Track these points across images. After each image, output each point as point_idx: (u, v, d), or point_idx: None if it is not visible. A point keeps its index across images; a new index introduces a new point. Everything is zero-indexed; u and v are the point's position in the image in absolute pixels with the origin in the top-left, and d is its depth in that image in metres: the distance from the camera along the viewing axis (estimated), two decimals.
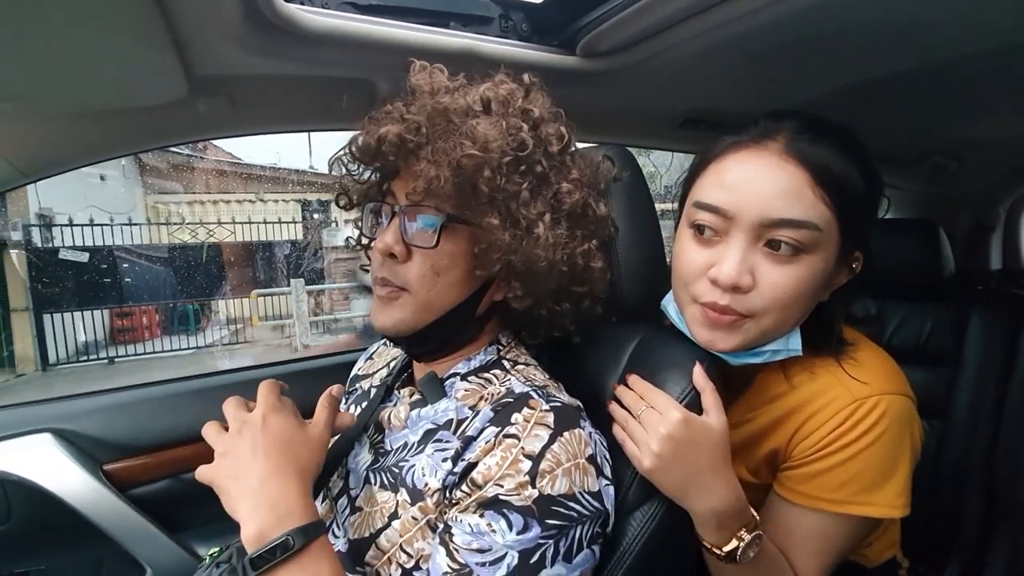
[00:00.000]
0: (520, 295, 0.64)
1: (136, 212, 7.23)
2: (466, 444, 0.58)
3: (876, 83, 0.94)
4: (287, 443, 0.59)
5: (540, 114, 0.64)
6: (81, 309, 5.92)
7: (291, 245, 7.47)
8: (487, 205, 0.60)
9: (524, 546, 0.52)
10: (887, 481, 0.65)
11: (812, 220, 0.60)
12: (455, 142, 0.58)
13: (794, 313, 0.64)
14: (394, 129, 0.60)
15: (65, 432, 1.01)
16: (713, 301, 0.64)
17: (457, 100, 0.61)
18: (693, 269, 0.66)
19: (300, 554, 0.52)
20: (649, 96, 1.02)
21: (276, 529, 0.52)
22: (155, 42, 0.61)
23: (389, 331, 0.66)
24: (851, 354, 0.69)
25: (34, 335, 5.58)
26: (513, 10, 0.82)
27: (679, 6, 0.70)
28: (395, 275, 0.63)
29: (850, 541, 0.68)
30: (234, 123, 0.94)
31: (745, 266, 0.62)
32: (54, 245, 5.64)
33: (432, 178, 0.58)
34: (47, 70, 0.64)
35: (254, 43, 0.67)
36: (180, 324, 6.77)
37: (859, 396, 0.65)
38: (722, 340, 0.65)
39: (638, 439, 0.61)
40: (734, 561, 0.62)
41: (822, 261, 0.63)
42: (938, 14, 0.71)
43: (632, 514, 0.61)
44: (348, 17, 0.70)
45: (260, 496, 0.54)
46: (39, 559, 1.02)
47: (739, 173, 0.63)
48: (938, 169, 1.48)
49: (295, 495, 0.55)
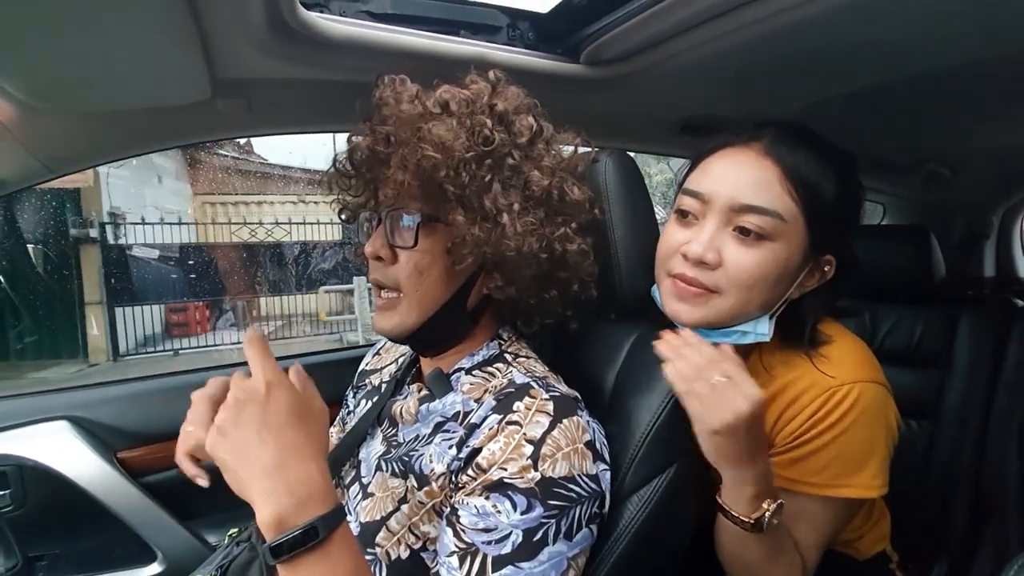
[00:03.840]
0: (501, 285, 0.66)
1: (186, 211, 7.53)
2: (470, 431, 0.61)
3: (870, 93, 0.97)
4: (300, 418, 0.54)
5: (506, 108, 0.65)
6: (142, 303, 6.25)
7: (341, 246, 7.82)
8: (454, 202, 0.62)
9: (528, 525, 0.55)
10: (864, 464, 0.69)
11: (777, 210, 0.67)
12: (415, 146, 0.61)
13: (757, 295, 0.69)
14: (364, 143, 0.64)
15: (81, 420, 1.04)
16: (682, 272, 0.71)
17: (417, 107, 0.63)
18: (671, 246, 0.73)
19: (326, 543, 0.50)
20: (649, 103, 1.05)
21: (298, 515, 0.49)
22: (183, 45, 0.64)
23: (389, 334, 0.69)
24: (823, 349, 0.73)
25: (107, 327, 5.85)
26: (520, 19, 0.86)
27: (680, 18, 0.73)
28: (386, 277, 0.67)
29: (836, 521, 0.72)
30: (249, 124, 0.98)
31: (713, 244, 0.69)
32: (126, 242, 6.02)
33: (400, 182, 0.61)
34: (79, 70, 0.68)
35: (276, 48, 0.70)
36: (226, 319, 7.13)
37: (832, 384, 0.69)
38: (688, 312, 0.71)
39: (709, 401, 0.61)
40: (760, 530, 0.65)
41: (785, 251, 0.68)
42: (930, 26, 0.73)
43: (629, 498, 0.64)
44: (364, 25, 0.74)
45: (276, 478, 0.50)
46: (53, 543, 1.05)
47: (720, 165, 0.72)
48: (932, 177, 1.51)
49: (316, 476, 0.52)
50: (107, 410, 1.06)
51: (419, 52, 0.77)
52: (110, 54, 0.64)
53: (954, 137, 1.32)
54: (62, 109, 0.77)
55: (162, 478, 1.06)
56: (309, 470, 0.52)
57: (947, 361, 1.21)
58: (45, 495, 0.99)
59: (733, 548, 0.70)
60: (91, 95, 0.75)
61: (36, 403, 1.05)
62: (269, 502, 0.49)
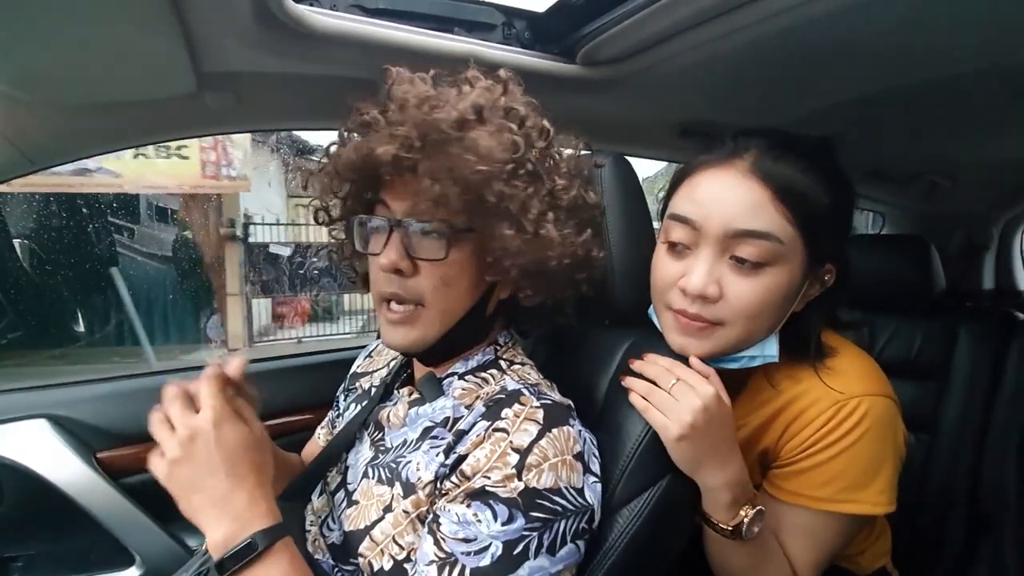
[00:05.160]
0: (531, 294, 0.64)
1: (284, 213, 7.98)
2: (458, 438, 0.59)
3: (871, 100, 0.96)
4: (244, 452, 0.58)
5: (523, 111, 0.63)
6: (264, 296, 6.87)
7: None
8: (495, 215, 0.60)
9: (508, 537, 0.53)
10: (871, 480, 0.67)
11: (774, 232, 0.64)
12: (458, 157, 0.57)
13: (763, 323, 0.68)
14: (389, 149, 0.58)
15: (61, 418, 1.01)
16: (683, 308, 0.67)
17: (449, 112, 0.59)
18: (666, 279, 0.70)
19: (265, 555, 0.54)
20: (647, 106, 1.04)
21: (241, 534, 0.54)
22: (165, 37, 0.63)
23: (407, 349, 0.66)
24: (830, 361, 0.71)
25: (244, 316, 6.46)
26: (516, 18, 0.85)
27: (677, 18, 0.72)
28: (407, 290, 0.63)
29: (838, 538, 0.70)
30: (240, 119, 0.96)
31: (712, 277, 0.66)
32: (260, 240, 6.71)
33: (439, 195, 0.57)
34: (60, 61, 0.66)
35: (263, 41, 0.68)
36: (325, 313, 7.67)
37: (840, 398, 0.67)
38: (694, 346, 0.68)
39: (667, 408, 0.62)
40: (740, 537, 0.64)
41: (787, 273, 0.66)
42: (931, 35, 0.72)
43: (619, 511, 0.62)
44: (355, 19, 0.72)
45: (223, 507, 0.55)
46: (28, 545, 1.03)
47: (707, 189, 0.68)
48: (932, 187, 1.51)
49: (260, 500, 0.57)
50: (87, 409, 1.04)
51: (413, 48, 0.76)
52: (91, 45, 0.62)
53: (955, 148, 1.32)
54: (45, 101, 0.76)
55: (142, 479, 1.04)
56: (254, 496, 0.57)
57: (945, 373, 1.20)
58: (22, 495, 0.97)
59: (718, 556, 0.70)
60: (73, 87, 0.73)
61: (16, 400, 1.03)
62: (218, 527, 0.54)
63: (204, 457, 0.56)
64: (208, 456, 0.56)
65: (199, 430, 0.57)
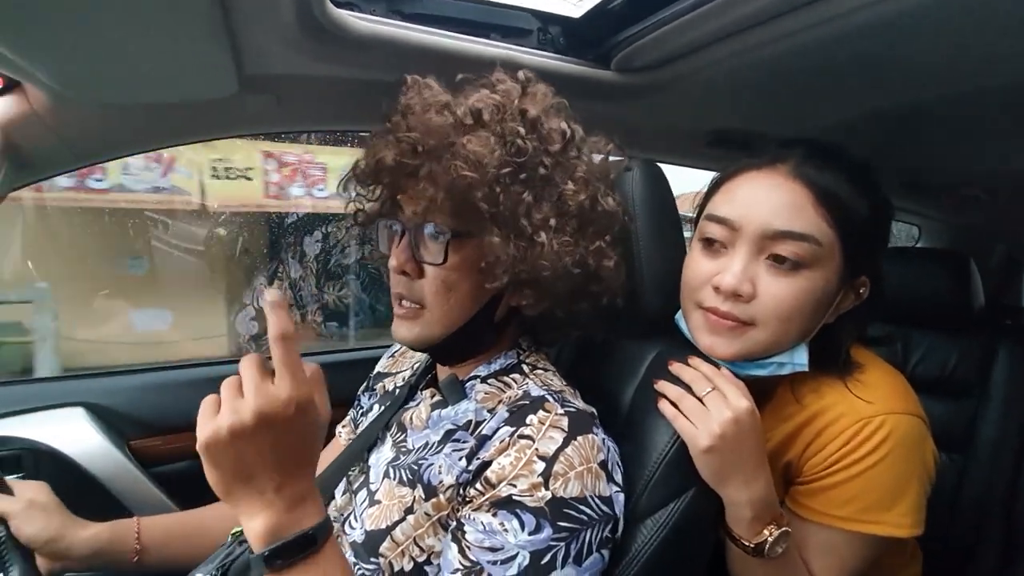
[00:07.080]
0: (532, 302, 0.64)
1: None
2: (481, 443, 0.59)
3: (905, 110, 0.94)
4: (315, 439, 0.53)
5: (538, 113, 0.62)
6: None
7: None
8: (487, 221, 0.59)
9: (536, 547, 0.53)
10: (896, 501, 0.66)
11: (813, 234, 0.64)
12: (448, 162, 0.57)
13: (795, 327, 0.66)
14: (390, 154, 0.60)
15: (97, 407, 1.04)
16: (715, 306, 0.67)
17: (447, 117, 0.60)
18: (699, 277, 0.69)
19: (320, 551, 0.51)
20: (679, 113, 1.03)
21: (292, 525, 0.49)
22: (212, 40, 0.64)
23: (411, 344, 0.67)
24: (858, 375, 0.70)
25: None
26: (551, 24, 0.85)
27: (712, 28, 0.71)
28: (411, 292, 0.65)
29: (862, 559, 0.69)
30: (277, 120, 0.98)
31: (747, 275, 0.65)
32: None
33: (431, 198, 0.59)
34: (112, 64, 0.68)
35: (305, 45, 0.70)
36: None
37: (864, 415, 0.66)
38: (722, 346, 0.67)
39: (697, 417, 0.62)
40: (762, 555, 0.63)
41: (822, 278, 0.65)
42: (971, 45, 0.70)
43: (643, 521, 0.62)
44: (394, 24, 0.73)
45: (275, 495, 0.49)
46: None
47: (748, 191, 0.68)
48: (968, 200, 1.46)
49: (312, 488, 0.53)
50: (122, 398, 1.07)
51: (448, 53, 0.76)
52: (141, 47, 0.64)
53: (993, 159, 1.27)
54: (93, 100, 0.78)
55: (171, 469, 1.07)
56: (308, 483, 0.52)
57: (983, 392, 1.16)
58: (57, 480, 1.00)
59: (741, 572, 0.69)
60: (120, 88, 0.75)
61: (55, 389, 1.06)
62: (264, 515, 0.49)
63: (271, 441, 0.48)
64: (275, 440, 0.48)
65: (277, 408, 0.47)
